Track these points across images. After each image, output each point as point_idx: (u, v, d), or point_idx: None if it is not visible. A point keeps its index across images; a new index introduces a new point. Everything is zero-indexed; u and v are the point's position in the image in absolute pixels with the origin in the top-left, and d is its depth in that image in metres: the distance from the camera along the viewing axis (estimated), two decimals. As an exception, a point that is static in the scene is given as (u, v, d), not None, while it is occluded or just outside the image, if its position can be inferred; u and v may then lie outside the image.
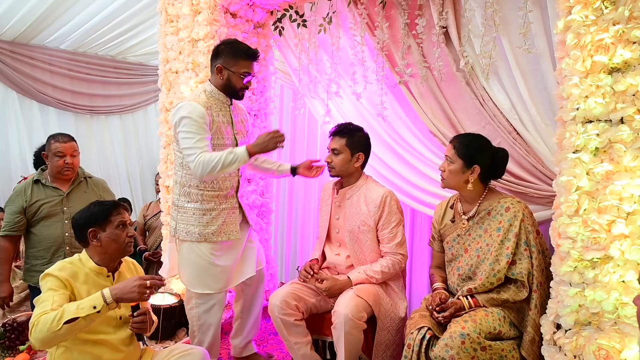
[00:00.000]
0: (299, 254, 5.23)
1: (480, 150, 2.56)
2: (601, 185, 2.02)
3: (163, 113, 4.04)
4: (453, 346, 2.22)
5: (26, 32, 5.67)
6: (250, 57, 2.88)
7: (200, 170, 2.69)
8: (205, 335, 3.06)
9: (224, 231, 2.95)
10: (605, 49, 2.01)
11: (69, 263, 2.30)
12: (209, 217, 2.92)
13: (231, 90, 2.91)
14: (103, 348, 2.25)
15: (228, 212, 2.97)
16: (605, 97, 2.00)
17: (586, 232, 2.02)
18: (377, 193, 2.94)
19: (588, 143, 2.04)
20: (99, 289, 2.16)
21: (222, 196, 2.95)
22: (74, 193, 3.68)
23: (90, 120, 6.92)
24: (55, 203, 3.60)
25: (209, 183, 2.89)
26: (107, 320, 2.26)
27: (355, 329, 2.69)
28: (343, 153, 2.95)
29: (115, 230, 2.33)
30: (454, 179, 2.59)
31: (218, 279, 2.98)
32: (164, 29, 3.96)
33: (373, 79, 3.56)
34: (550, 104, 2.80)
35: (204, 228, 2.91)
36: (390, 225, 2.93)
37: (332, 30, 3.69)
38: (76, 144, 3.72)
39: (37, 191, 3.62)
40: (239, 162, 2.71)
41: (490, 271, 2.45)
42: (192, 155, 2.71)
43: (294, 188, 5.26)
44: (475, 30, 3.01)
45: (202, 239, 2.91)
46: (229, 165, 2.69)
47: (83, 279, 2.28)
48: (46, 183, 3.64)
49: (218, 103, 2.91)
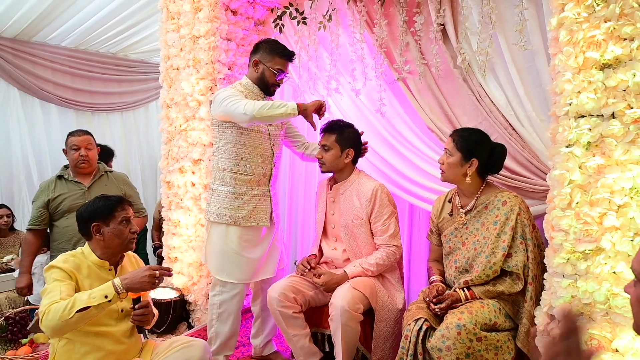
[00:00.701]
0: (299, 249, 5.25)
1: (479, 144, 2.61)
2: (593, 178, 2.06)
3: (164, 109, 4.06)
4: (449, 337, 2.27)
5: (28, 29, 5.67)
6: (286, 56, 3.03)
7: (252, 107, 2.70)
8: (224, 325, 3.11)
9: (254, 217, 3.06)
10: (597, 45, 2.05)
11: (72, 256, 2.34)
12: (240, 201, 3.03)
13: (264, 85, 3.05)
14: (105, 340, 2.29)
15: (259, 199, 3.08)
16: (597, 93, 2.04)
17: (578, 224, 2.06)
18: (368, 187, 3.00)
19: (580, 137, 2.08)
20: (101, 283, 2.22)
21: (255, 182, 3.05)
22: (95, 187, 3.82)
23: (91, 118, 6.90)
24: (76, 197, 3.74)
25: (242, 167, 3.01)
26: (109, 313, 2.29)
27: (352, 320, 2.74)
28: (333, 149, 3.01)
29: (118, 226, 2.37)
30: (453, 172, 2.63)
31: (243, 270, 3.07)
32: (165, 26, 3.99)
33: (372, 76, 3.60)
34: (546, 100, 2.84)
35: (235, 212, 3.02)
36: (382, 217, 2.98)
37: (331, 27, 3.72)
38: (92, 137, 3.88)
39: (60, 186, 3.80)
40: (287, 107, 2.72)
41: (487, 263, 2.50)
42: (239, 102, 2.78)
43: (294, 183, 5.28)
44: (472, 28, 3.05)
45: (232, 222, 3.02)
46: (279, 107, 2.71)
47: (86, 272, 2.32)
48: (68, 178, 3.82)
49: (252, 95, 3.03)
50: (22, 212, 6.10)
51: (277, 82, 3.05)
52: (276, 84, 3.06)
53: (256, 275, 3.16)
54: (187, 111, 3.85)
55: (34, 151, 6.28)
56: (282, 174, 5.22)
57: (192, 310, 3.94)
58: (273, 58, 3.00)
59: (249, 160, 3.02)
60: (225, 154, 3.03)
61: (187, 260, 3.95)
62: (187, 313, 3.97)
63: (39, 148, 6.35)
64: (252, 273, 3.12)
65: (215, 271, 3.10)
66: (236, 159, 3.01)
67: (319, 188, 3.34)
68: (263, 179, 3.08)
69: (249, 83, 3.06)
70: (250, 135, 3.01)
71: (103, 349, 2.28)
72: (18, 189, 6.22)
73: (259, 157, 3.05)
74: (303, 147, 3.33)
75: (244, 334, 3.72)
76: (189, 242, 3.93)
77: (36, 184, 6.19)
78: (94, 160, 3.85)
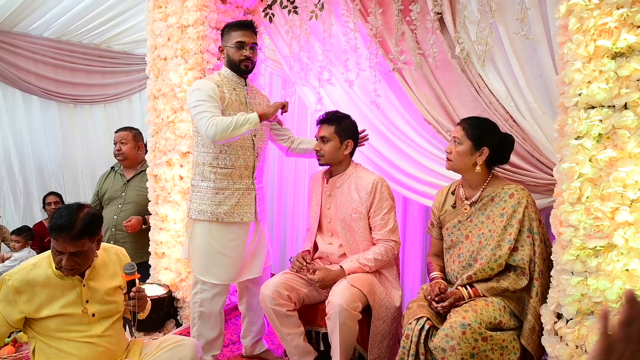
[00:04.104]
0: (289, 245, 5.17)
1: (489, 132, 2.51)
2: (604, 172, 1.96)
3: (151, 101, 3.93)
4: (454, 336, 2.16)
5: (9, 19, 5.53)
6: (240, 26, 2.94)
7: (214, 131, 2.66)
8: (206, 324, 3.03)
9: (237, 212, 2.93)
10: (609, 33, 1.94)
11: (33, 266, 2.19)
12: (222, 196, 2.91)
13: (235, 67, 2.96)
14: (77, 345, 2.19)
15: (242, 193, 2.95)
16: (609, 82, 1.93)
17: (589, 219, 1.96)
18: (368, 180, 2.90)
19: (591, 129, 1.98)
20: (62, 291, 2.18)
21: (236, 175, 2.94)
22: (133, 181, 4.22)
23: (74, 110, 6.80)
24: (117, 188, 4.19)
25: (221, 160, 2.90)
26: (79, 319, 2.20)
27: (350, 319, 2.63)
28: (332, 140, 2.91)
29: (54, 250, 2.15)
30: (462, 161, 2.52)
31: (227, 271, 2.96)
32: (152, 15, 3.85)
33: (366, 66, 3.47)
34: (547, 91, 2.75)
35: (217, 207, 2.91)
36: (382, 211, 2.88)
37: (323, 16, 3.59)
38: (130, 133, 4.23)
39: (109, 178, 4.30)
40: (249, 123, 2.72)
41: (492, 256, 2.39)
42: (204, 118, 2.71)
43: (283, 178, 5.19)
44: (471, 17, 2.94)
45: (214, 218, 2.90)
46: (242, 125, 2.70)
47: (44, 282, 2.17)
48: (118, 170, 4.29)
49: (231, 82, 2.97)
50: (3, 206, 5.97)
51: (244, 57, 2.91)
52: (243, 59, 2.92)
53: (241, 276, 3.04)
54: (174, 102, 3.72)
55: (16, 144, 6.19)
56: (271, 167, 5.13)
57: (180, 307, 3.82)
58: (230, 35, 2.94)
59: (228, 153, 2.90)
60: (204, 147, 2.93)
61: (174, 255, 3.82)
62: (174, 310, 3.85)
63: (21, 140, 6.26)
64: (236, 273, 3.00)
65: (198, 271, 2.99)
66: (215, 152, 2.90)
67: (311, 182, 3.22)
68: (245, 172, 2.96)
69: (226, 71, 3.00)
70: None
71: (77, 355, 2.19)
72: (-1, 182, 6.12)
73: (238, 148, 2.92)
74: (289, 142, 3.21)
75: (234, 332, 3.62)
76: (176, 237, 3.80)
77: (17, 176, 6.19)
78: (127, 153, 4.18)
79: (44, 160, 6.48)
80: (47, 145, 6.52)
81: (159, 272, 3.90)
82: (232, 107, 2.90)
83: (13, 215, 6.16)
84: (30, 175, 6.33)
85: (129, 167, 4.24)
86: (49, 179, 6.53)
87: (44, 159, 6.48)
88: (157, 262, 3.92)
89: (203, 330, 3.03)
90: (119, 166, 4.28)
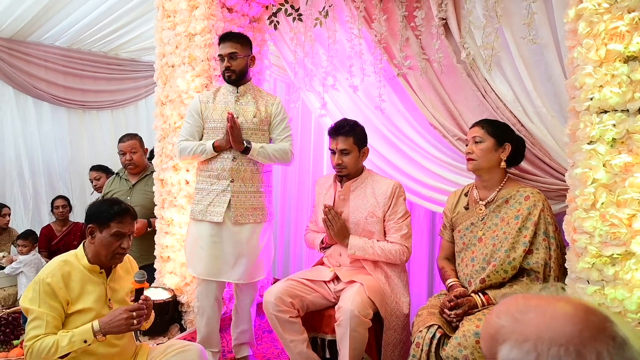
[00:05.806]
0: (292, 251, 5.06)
1: (507, 130, 2.47)
2: (619, 177, 1.84)
3: (159, 107, 3.87)
4: (467, 345, 2.04)
5: (23, 29, 5.58)
6: (221, 39, 3.01)
7: (178, 154, 3.04)
8: (201, 319, 3.09)
9: (209, 211, 2.96)
10: (620, 37, 1.84)
11: (64, 262, 2.18)
12: (200, 196, 3.03)
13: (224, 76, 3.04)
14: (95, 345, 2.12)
15: (217, 194, 2.97)
16: (622, 86, 1.82)
17: (604, 226, 1.84)
18: (387, 184, 2.82)
19: (604, 134, 1.86)
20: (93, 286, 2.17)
21: (214, 176, 2.99)
22: (138, 185, 4.15)
23: (82, 115, 6.78)
24: (122, 193, 4.11)
25: (203, 163, 3.04)
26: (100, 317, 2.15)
27: (361, 326, 2.50)
28: (352, 152, 2.82)
29: (109, 237, 2.17)
30: (486, 158, 2.42)
31: (203, 265, 2.99)
32: (160, 24, 3.83)
33: (370, 72, 3.36)
34: (556, 95, 2.63)
35: (195, 206, 3.04)
36: (397, 215, 2.78)
37: (328, 23, 3.49)
38: (137, 141, 4.17)
39: (115, 183, 4.26)
40: (205, 153, 2.95)
41: (505, 258, 2.28)
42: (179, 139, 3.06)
43: (287, 183, 5.10)
44: (476, 22, 2.83)
45: (193, 216, 3.04)
46: (199, 154, 2.96)
47: (78, 277, 2.17)
48: (122, 176, 4.24)
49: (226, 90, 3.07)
50: (14, 209, 5.86)
51: (225, 67, 2.99)
52: (224, 70, 3.00)
53: (220, 275, 2.98)
54: (182, 108, 3.66)
55: (27, 148, 6.18)
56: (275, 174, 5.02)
57: (185, 311, 3.71)
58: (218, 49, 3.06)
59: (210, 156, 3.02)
60: None
61: (180, 259, 3.71)
62: (179, 314, 3.73)
63: (32, 145, 6.25)
64: (215, 270, 2.97)
65: (187, 262, 3.15)
66: None
67: (317, 186, 3.11)
68: (223, 174, 2.96)
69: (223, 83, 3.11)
70: (209, 132, 3.03)
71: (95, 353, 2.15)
72: (10, 186, 6.09)
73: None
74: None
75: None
76: (182, 241, 3.68)
77: (27, 181, 6.18)
78: (138, 161, 4.13)
79: (52, 165, 6.44)
80: (56, 149, 6.48)
81: (164, 275, 3.81)
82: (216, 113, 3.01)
83: (22, 218, 6.10)
84: (39, 179, 6.28)
85: (135, 174, 4.18)
86: (57, 183, 6.47)
87: (52, 163, 6.44)
88: (162, 265, 3.83)
89: (200, 325, 3.09)
90: (124, 172, 4.23)
